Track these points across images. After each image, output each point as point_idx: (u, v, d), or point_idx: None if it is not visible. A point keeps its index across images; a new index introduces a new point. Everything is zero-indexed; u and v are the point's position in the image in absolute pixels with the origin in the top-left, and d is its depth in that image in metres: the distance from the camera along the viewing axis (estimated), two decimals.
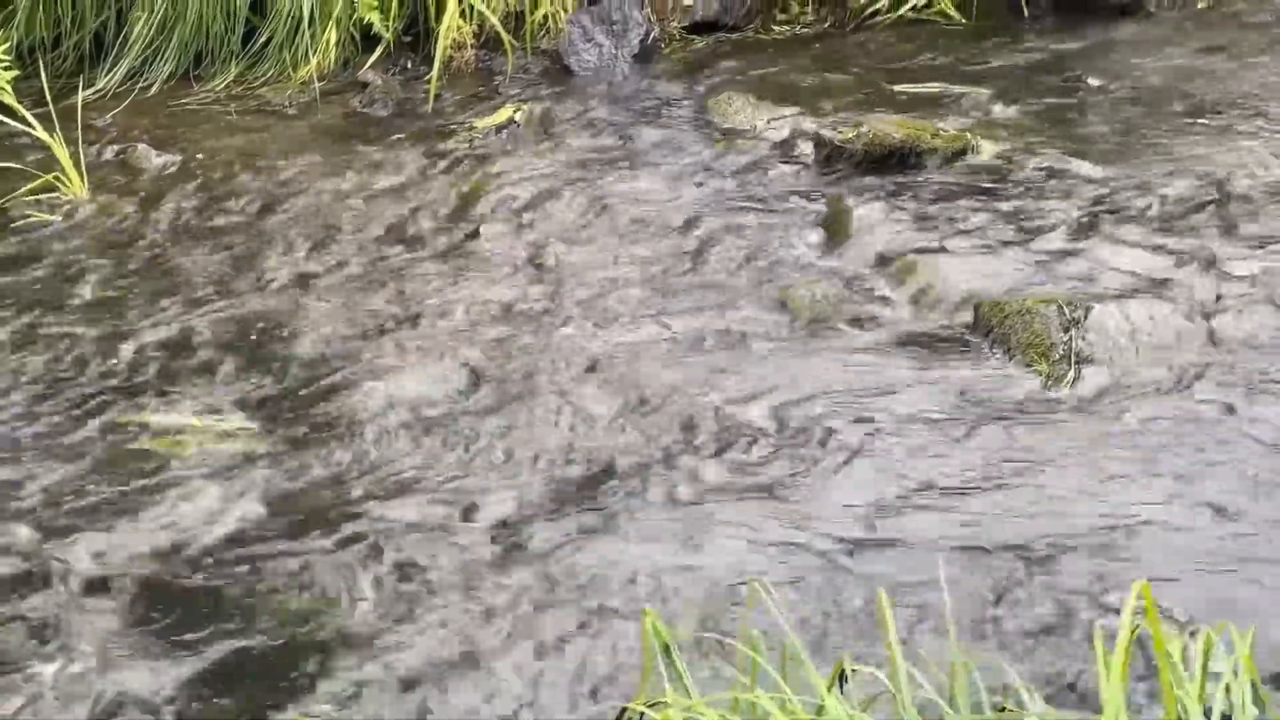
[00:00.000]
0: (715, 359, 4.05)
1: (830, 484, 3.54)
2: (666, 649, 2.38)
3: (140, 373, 4.19)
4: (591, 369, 4.05)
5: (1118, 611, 2.28)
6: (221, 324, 4.40)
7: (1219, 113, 5.15)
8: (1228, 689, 2.08)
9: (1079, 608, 3.06)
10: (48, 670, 3.12)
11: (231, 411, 3.98)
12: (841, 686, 2.37)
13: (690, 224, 4.73)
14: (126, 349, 4.30)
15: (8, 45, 5.78)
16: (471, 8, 5.99)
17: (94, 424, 3.96)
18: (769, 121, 5.34)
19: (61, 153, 5.22)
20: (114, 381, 4.16)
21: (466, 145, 5.42)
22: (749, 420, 3.77)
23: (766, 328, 4.18)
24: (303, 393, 4.05)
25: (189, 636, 3.20)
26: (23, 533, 3.54)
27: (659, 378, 3.98)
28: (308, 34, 5.97)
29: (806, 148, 5.11)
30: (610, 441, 3.74)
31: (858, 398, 3.83)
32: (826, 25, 6.27)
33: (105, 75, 6.07)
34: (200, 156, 5.49)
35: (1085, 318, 3.93)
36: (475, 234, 4.80)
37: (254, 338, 4.33)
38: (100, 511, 3.62)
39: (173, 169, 5.42)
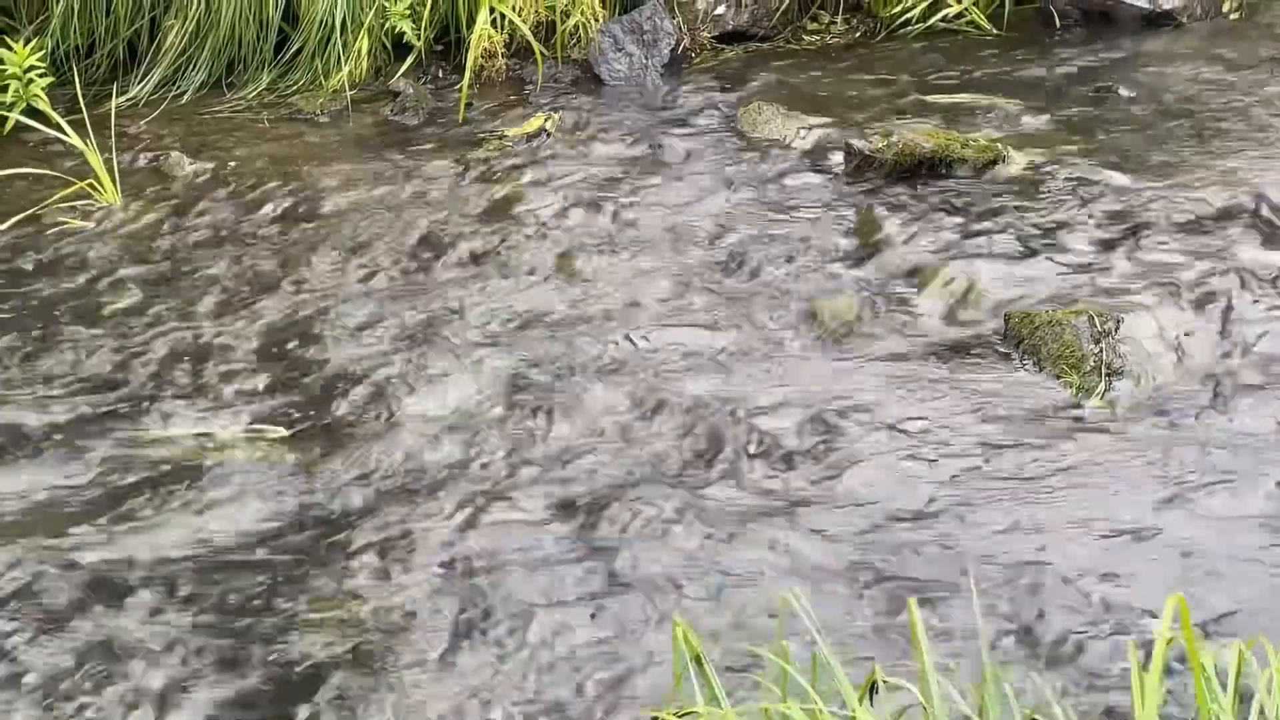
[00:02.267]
0: (745, 368, 4.05)
1: (859, 494, 3.54)
2: (697, 658, 2.38)
3: (171, 378, 4.20)
4: (621, 378, 4.05)
5: (1152, 625, 2.28)
6: (253, 331, 4.41)
7: (1250, 123, 5.13)
8: (1262, 703, 2.07)
9: (1109, 620, 3.06)
10: (77, 673, 3.14)
11: (262, 418, 4.00)
12: (872, 697, 2.37)
13: (720, 233, 4.73)
14: (158, 355, 4.32)
15: (42, 53, 5.80)
16: (503, 17, 6.01)
17: (124, 429, 3.98)
18: (799, 131, 5.34)
19: (95, 160, 5.24)
20: (145, 387, 4.17)
21: (497, 154, 5.43)
22: (778, 429, 3.77)
23: (796, 337, 4.18)
24: (333, 400, 4.06)
25: (218, 642, 3.22)
26: (50, 538, 3.56)
27: (689, 386, 3.98)
28: (340, 43, 5.99)
29: (836, 157, 5.11)
30: (640, 450, 3.75)
31: (887, 408, 3.83)
32: (857, 35, 6.27)
33: (138, 83, 6.09)
34: (232, 164, 5.51)
35: (1116, 329, 3.93)
36: (506, 242, 4.81)
37: (285, 345, 4.34)
38: (129, 516, 3.64)
39: (205, 176, 5.43)
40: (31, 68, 5.66)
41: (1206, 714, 2.00)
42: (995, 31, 6.11)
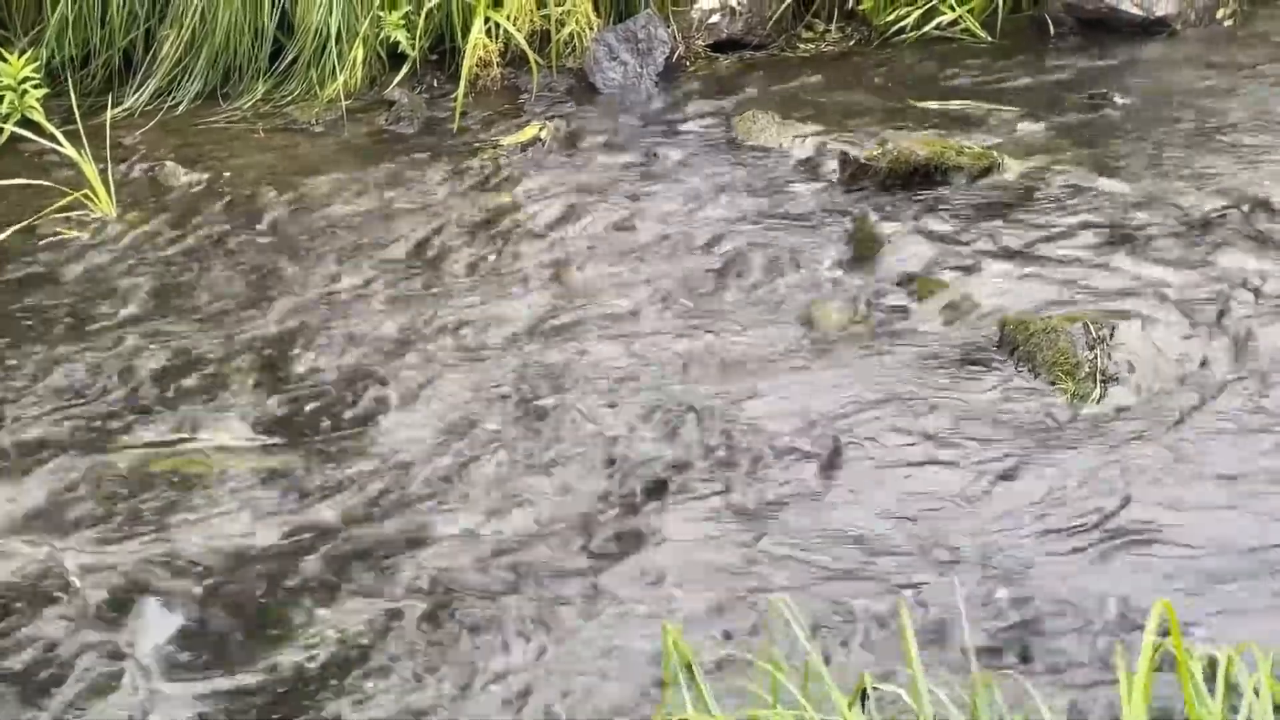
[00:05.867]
0: (741, 376, 4.05)
1: (853, 501, 3.53)
2: (688, 665, 2.38)
3: (165, 389, 4.20)
4: (616, 386, 4.05)
5: (1140, 629, 2.28)
6: (247, 341, 4.41)
7: (1245, 131, 5.14)
8: (1250, 708, 2.07)
9: (1101, 625, 3.05)
10: (70, 687, 3.14)
11: (255, 429, 3.99)
12: (863, 704, 2.37)
13: (715, 241, 4.73)
14: (152, 366, 4.31)
15: (37, 64, 5.81)
16: (497, 26, 6.01)
17: (118, 441, 3.98)
18: (794, 139, 5.34)
19: (90, 170, 5.24)
20: (139, 398, 4.17)
21: (492, 163, 5.43)
22: (774, 436, 3.77)
23: (791, 345, 4.18)
24: (328, 410, 4.06)
25: (210, 654, 3.21)
26: (45, 550, 3.56)
27: (684, 394, 3.98)
28: (335, 52, 5.99)
29: (831, 165, 5.12)
30: (634, 458, 3.74)
31: (882, 415, 3.83)
32: (852, 43, 6.27)
33: (134, 93, 6.09)
34: (227, 174, 5.51)
35: (1111, 335, 3.92)
36: (501, 251, 4.81)
37: (280, 355, 4.34)
38: (122, 528, 3.63)
39: (200, 187, 5.44)
40: (26, 79, 5.68)
41: (1195, 718, 2.00)
42: (990, 39, 6.11)
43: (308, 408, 4.08)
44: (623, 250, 4.75)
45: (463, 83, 5.86)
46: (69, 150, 5.32)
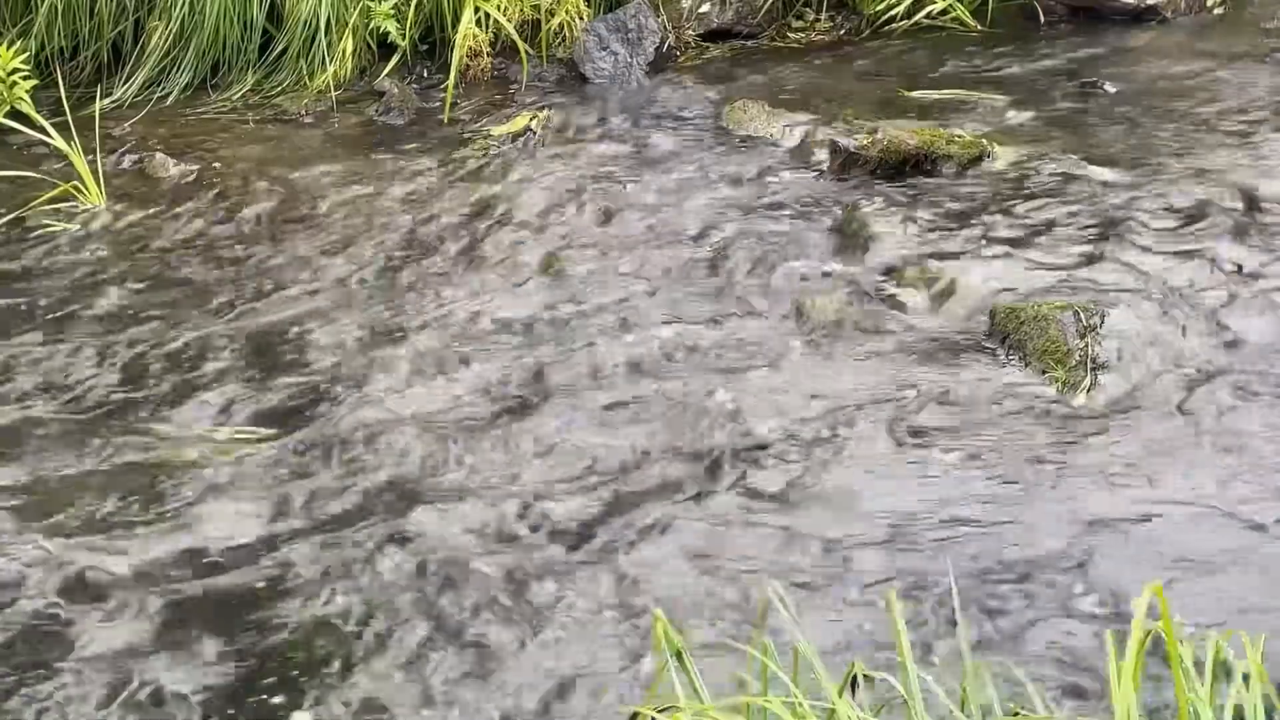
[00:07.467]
0: (731, 366, 4.05)
1: (843, 489, 3.53)
2: (678, 653, 2.38)
3: (155, 380, 4.20)
4: (607, 377, 4.05)
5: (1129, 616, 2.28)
6: (237, 333, 4.41)
7: (1235, 118, 5.14)
8: (1240, 694, 2.07)
9: (1091, 613, 3.06)
10: (71, 675, 3.14)
11: (245, 420, 3.99)
12: (853, 691, 2.37)
13: (706, 231, 4.73)
14: (142, 357, 4.31)
15: (26, 55, 5.80)
16: (487, 16, 6.00)
17: (108, 431, 3.97)
18: (784, 129, 5.34)
19: (79, 162, 5.23)
20: (129, 389, 4.17)
21: (483, 153, 5.42)
22: (764, 427, 3.77)
23: (782, 334, 4.17)
24: (317, 402, 4.06)
25: (204, 641, 3.21)
26: (40, 540, 3.55)
27: (674, 385, 3.97)
28: (324, 43, 5.99)
29: (822, 155, 5.11)
30: (625, 452, 3.74)
31: (872, 403, 3.83)
32: (842, 33, 6.27)
33: (123, 85, 6.08)
34: (217, 165, 5.50)
35: (1101, 323, 3.92)
36: (491, 242, 4.81)
37: (269, 346, 4.34)
38: (114, 519, 3.63)
39: (190, 178, 5.43)
40: (15, 70, 5.66)
41: (1184, 704, 2.00)
42: (980, 28, 6.11)
43: (298, 398, 4.07)
44: (613, 240, 4.75)
45: (453, 73, 5.86)
46: (58, 142, 5.31)
